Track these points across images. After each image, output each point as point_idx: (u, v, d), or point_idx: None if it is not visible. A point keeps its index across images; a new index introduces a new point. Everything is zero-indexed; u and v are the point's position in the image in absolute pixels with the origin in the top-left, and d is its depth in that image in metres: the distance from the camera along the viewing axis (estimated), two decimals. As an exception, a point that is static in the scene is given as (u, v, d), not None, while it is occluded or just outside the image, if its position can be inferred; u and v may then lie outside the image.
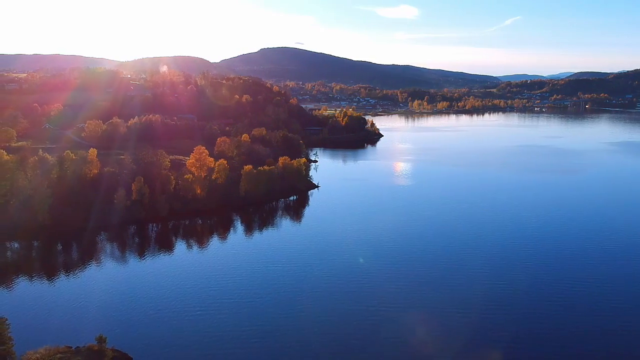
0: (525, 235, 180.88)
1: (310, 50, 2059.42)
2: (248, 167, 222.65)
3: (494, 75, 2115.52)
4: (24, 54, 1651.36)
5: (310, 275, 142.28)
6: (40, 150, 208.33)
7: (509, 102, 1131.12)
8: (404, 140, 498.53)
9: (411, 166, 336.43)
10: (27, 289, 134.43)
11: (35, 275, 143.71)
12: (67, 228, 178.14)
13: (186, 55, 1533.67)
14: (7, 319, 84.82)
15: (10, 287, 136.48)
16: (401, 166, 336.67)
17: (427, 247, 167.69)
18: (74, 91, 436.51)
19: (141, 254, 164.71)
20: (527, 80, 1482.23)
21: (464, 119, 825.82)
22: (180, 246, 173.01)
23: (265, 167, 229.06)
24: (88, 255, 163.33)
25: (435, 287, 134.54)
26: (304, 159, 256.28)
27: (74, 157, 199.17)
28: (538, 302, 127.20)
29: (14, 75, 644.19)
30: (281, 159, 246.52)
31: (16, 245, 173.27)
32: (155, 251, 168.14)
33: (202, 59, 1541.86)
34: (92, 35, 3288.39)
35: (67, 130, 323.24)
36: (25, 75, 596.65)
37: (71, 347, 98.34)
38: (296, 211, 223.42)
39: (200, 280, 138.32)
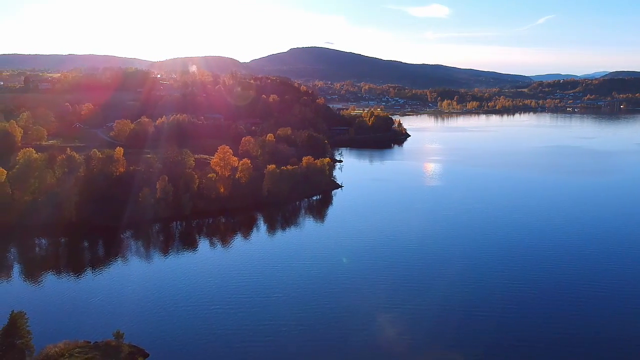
0: (552, 239, 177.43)
1: (339, 49, 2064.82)
2: (271, 166, 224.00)
3: (526, 75, 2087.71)
4: (59, 54, 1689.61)
5: (328, 275, 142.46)
6: (68, 149, 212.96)
7: (541, 102, 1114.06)
8: (432, 140, 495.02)
9: (437, 167, 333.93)
10: (51, 285, 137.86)
11: (59, 271, 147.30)
12: (93, 225, 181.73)
13: (217, 55, 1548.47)
14: (25, 313, 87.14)
15: (35, 282, 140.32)
16: (427, 167, 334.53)
17: (450, 249, 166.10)
18: (105, 91, 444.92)
19: (163, 251, 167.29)
20: (559, 80, 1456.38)
21: (494, 119, 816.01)
22: (201, 244, 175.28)
23: (289, 167, 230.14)
24: (112, 252, 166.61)
25: (457, 288, 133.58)
26: (327, 159, 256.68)
27: (100, 155, 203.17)
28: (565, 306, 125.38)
29: (49, 75, 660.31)
30: (305, 159, 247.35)
31: (44, 241, 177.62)
32: (177, 249, 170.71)
33: (232, 59, 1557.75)
34: (126, 36, 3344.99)
35: (97, 129, 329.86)
36: (59, 75, 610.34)
37: (90, 342, 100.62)
38: (318, 211, 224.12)
39: (219, 278, 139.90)
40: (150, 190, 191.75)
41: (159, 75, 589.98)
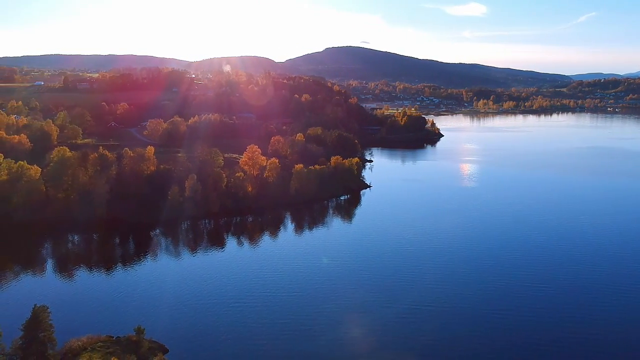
0: (589, 244, 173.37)
1: (375, 49, 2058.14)
2: (299, 166, 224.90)
3: (566, 74, 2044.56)
4: (99, 55, 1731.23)
5: (350, 275, 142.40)
6: (101, 147, 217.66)
7: (580, 102, 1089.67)
8: (465, 140, 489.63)
9: (470, 167, 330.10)
10: (79, 280, 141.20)
11: (88, 268, 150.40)
12: (123, 222, 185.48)
13: (252, 55, 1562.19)
14: (48, 307, 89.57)
15: (65, 277, 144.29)
16: (459, 167, 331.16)
17: (478, 251, 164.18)
18: (141, 90, 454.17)
19: (189, 249, 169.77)
20: (600, 79, 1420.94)
21: (531, 119, 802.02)
22: (227, 243, 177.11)
23: (316, 167, 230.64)
24: (139, 249, 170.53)
25: (479, 290, 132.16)
26: (356, 159, 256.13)
27: (132, 154, 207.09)
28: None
29: (88, 75, 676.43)
30: (333, 159, 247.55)
31: (76, 238, 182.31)
32: (203, 247, 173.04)
33: (267, 59, 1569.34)
34: (165, 37, 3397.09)
35: (131, 128, 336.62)
36: (97, 75, 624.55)
37: (112, 337, 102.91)
38: (345, 211, 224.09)
39: (242, 276, 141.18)
40: (179, 189, 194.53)
41: (194, 75, 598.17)
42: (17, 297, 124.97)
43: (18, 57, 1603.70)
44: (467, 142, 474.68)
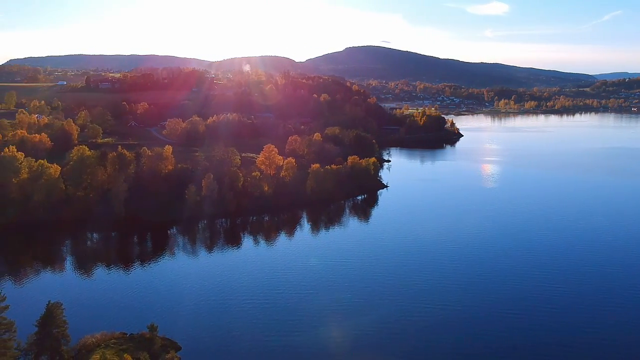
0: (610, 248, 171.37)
1: (396, 48, 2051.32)
2: (315, 165, 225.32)
3: (590, 74, 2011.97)
4: (122, 55, 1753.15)
5: (363, 275, 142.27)
6: (120, 146, 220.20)
7: (603, 102, 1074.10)
8: (485, 140, 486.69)
9: (488, 167, 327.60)
10: (96, 277, 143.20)
11: (106, 265, 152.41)
12: (141, 221, 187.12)
13: (273, 55, 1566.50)
14: (62, 304, 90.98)
15: (83, 274, 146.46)
16: (477, 167, 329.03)
17: (495, 252, 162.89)
18: (161, 90, 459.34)
19: (204, 248, 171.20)
20: (625, 79, 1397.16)
21: (553, 119, 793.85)
22: (242, 242, 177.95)
23: (333, 166, 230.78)
24: (156, 247, 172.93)
25: (490, 293, 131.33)
26: (373, 159, 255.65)
27: (149, 153, 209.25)
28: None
29: (111, 75, 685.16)
30: (350, 158, 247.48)
31: (95, 235, 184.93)
32: (218, 246, 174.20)
33: (288, 59, 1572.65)
34: (186, 37, 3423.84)
35: (151, 128, 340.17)
36: (119, 75, 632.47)
37: (126, 334, 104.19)
38: (361, 210, 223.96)
39: (257, 275, 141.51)
40: (195, 188, 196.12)
41: (214, 75, 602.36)
42: (35, 293, 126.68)
43: (42, 57, 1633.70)
44: (486, 142, 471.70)
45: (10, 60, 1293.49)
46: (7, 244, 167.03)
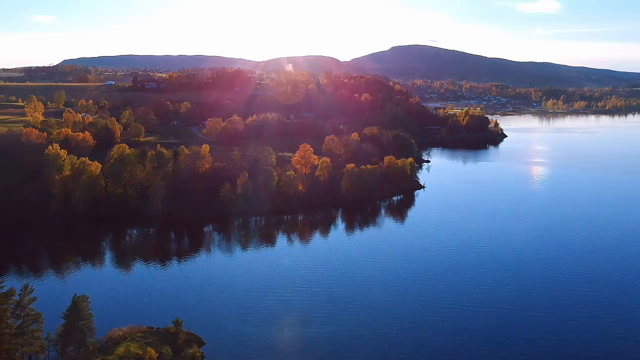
0: None
1: (442, 47, 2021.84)
2: (350, 165, 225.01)
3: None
4: (171, 55, 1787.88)
5: (387, 275, 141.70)
6: (159, 145, 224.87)
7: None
8: (529, 141, 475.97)
9: (530, 169, 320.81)
10: (134, 272, 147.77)
11: (144, 260, 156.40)
12: (177, 218, 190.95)
13: (318, 55, 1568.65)
14: (88, 297, 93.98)
15: (121, 269, 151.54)
16: (519, 169, 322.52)
17: (528, 254, 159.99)
18: (205, 90, 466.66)
19: (237, 246, 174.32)
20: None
21: (604, 119, 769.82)
22: (275, 240, 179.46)
23: (369, 166, 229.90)
24: (190, 244, 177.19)
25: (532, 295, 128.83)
26: (410, 159, 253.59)
27: (187, 152, 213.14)
28: None
29: (159, 75, 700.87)
30: (386, 159, 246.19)
31: (132, 232, 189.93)
32: (250, 244, 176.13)
33: (332, 58, 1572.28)
34: (233, 37, 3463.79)
35: (193, 127, 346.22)
36: (165, 75, 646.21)
37: (152, 328, 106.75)
38: (397, 211, 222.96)
39: (284, 273, 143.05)
40: (231, 186, 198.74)
41: (257, 75, 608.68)
42: (72, 285, 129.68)
43: (95, 57, 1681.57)
44: (531, 143, 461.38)
45: (64, 60, 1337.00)
46: (47, 237, 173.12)
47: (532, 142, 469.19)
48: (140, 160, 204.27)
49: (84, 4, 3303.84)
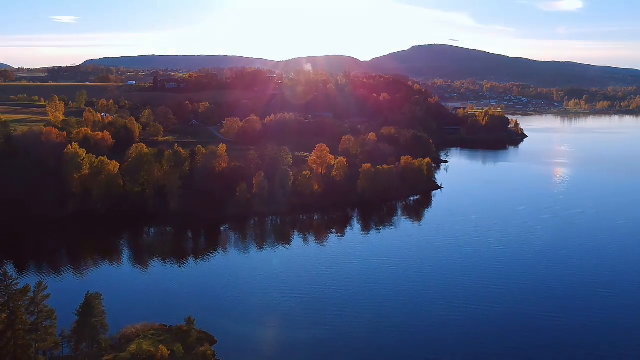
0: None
1: (463, 47, 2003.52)
2: (367, 165, 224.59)
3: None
4: (192, 55, 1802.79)
5: (402, 279, 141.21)
6: (176, 144, 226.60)
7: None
8: (550, 141, 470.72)
9: (549, 170, 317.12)
10: (151, 269, 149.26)
11: (161, 259, 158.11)
12: (194, 217, 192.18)
13: (338, 54, 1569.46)
14: (101, 295, 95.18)
15: (139, 266, 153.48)
16: (538, 170, 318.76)
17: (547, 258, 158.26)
18: (224, 90, 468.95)
19: (252, 245, 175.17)
20: None
21: (628, 120, 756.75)
22: (290, 240, 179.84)
23: (385, 166, 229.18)
24: (206, 243, 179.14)
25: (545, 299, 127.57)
26: (427, 159, 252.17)
27: (204, 151, 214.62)
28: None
29: (179, 75, 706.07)
30: (403, 159, 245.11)
31: (149, 230, 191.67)
32: (266, 244, 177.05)
33: (352, 58, 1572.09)
34: (253, 37, 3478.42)
35: (211, 126, 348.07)
36: (186, 75, 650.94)
37: (165, 325, 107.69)
38: (414, 211, 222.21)
39: (298, 273, 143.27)
40: (247, 186, 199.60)
41: (276, 75, 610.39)
42: (88, 283, 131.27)
43: (117, 57, 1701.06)
44: (551, 143, 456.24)
45: (87, 60, 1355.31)
46: (65, 235, 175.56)
47: (553, 142, 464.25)
48: (158, 160, 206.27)
49: (105, 5, 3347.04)
